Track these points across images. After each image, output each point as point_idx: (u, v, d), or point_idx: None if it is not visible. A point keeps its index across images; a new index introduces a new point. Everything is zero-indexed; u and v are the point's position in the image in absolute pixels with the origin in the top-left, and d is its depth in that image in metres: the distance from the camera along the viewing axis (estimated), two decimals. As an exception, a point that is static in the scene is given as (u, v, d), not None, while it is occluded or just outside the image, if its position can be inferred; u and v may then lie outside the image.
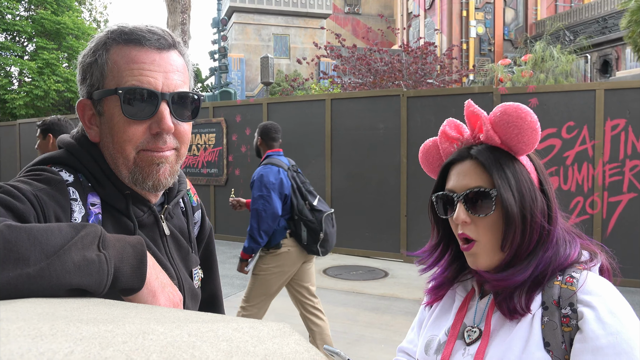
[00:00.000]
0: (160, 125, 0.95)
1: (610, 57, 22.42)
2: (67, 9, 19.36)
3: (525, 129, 1.03)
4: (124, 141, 0.95)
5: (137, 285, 0.76)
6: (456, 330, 1.14)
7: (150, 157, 0.97)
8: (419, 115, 7.34)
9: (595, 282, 0.99)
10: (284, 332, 0.54)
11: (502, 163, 1.07)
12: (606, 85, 6.40)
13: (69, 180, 0.94)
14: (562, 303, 0.98)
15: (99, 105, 0.97)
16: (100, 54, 0.96)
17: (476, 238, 1.07)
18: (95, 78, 0.96)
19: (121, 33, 0.96)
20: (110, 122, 0.96)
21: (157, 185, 0.99)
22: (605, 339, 0.90)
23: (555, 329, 0.96)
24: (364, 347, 4.32)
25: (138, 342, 0.45)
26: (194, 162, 9.51)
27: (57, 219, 0.86)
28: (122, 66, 0.94)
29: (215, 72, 17.83)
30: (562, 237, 1.07)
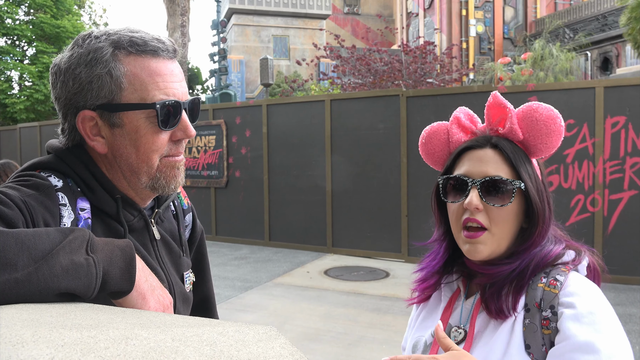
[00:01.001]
0: (187, 133, 1.02)
1: (611, 55, 22.38)
2: (67, 12, 19.39)
3: (553, 131, 1.04)
4: (152, 151, 0.98)
5: (126, 288, 0.76)
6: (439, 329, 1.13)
7: (172, 163, 1.02)
8: (418, 115, 7.33)
9: (577, 284, 0.98)
10: (270, 336, 0.54)
11: (523, 159, 1.07)
12: (606, 82, 6.38)
13: (58, 186, 0.94)
14: (543, 305, 0.97)
15: (115, 118, 0.96)
16: (113, 65, 0.94)
17: (488, 227, 1.04)
18: (108, 90, 0.95)
19: (132, 43, 0.95)
20: (135, 133, 0.96)
21: (176, 187, 1.05)
22: (583, 337, 0.89)
23: (535, 331, 0.96)
24: (365, 348, 4.32)
25: (120, 348, 0.45)
26: (194, 164, 9.52)
27: (45, 224, 0.86)
28: (145, 79, 0.95)
29: (215, 74, 17.84)
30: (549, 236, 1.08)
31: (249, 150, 8.94)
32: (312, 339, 4.56)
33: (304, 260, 7.69)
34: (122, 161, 1.00)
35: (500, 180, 1.03)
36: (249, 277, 6.75)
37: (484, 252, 1.05)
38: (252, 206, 8.92)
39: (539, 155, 1.08)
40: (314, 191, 8.25)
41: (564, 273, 1.00)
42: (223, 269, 7.24)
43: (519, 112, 1.08)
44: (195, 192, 9.46)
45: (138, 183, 1.01)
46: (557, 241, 1.08)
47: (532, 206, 1.04)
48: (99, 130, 0.98)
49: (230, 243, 9.10)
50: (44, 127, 12.16)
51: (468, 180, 1.06)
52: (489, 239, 1.04)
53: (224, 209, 9.30)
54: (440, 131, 1.22)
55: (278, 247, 8.59)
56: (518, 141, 1.08)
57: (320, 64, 24.11)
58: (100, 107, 0.96)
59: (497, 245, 1.05)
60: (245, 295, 5.95)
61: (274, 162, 8.68)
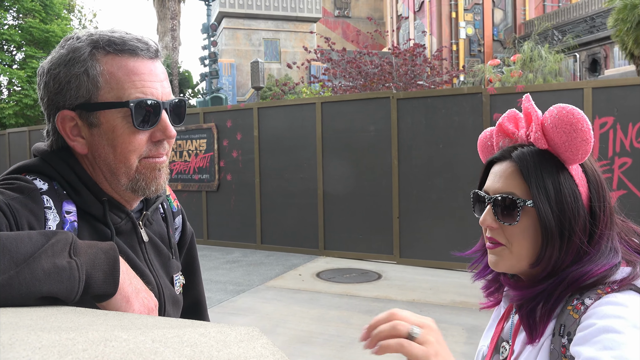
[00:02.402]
0: (166, 133, 0.99)
1: (599, 56, 22.58)
2: (56, 17, 19.28)
3: (574, 137, 0.95)
4: (129, 151, 0.97)
5: (110, 291, 0.76)
6: (493, 344, 1.11)
7: (152, 164, 1.00)
8: (409, 117, 7.36)
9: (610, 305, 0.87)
10: (252, 336, 0.54)
11: (545, 171, 0.98)
12: (594, 83, 6.44)
13: (43, 189, 0.93)
14: (563, 331, 0.91)
15: (92, 117, 0.96)
16: (90, 64, 0.94)
17: (505, 244, 1.01)
18: (85, 90, 0.94)
19: (110, 42, 0.95)
20: (112, 133, 0.96)
21: (158, 189, 1.02)
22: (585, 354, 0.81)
23: (557, 357, 0.91)
24: (358, 350, 4.31)
25: (99, 350, 0.45)
26: (185, 168, 9.49)
27: (30, 228, 0.85)
28: (121, 77, 0.95)
29: (206, 77, 17.83)
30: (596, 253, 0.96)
31: (240, 153, 8.93)
32: (305, 341, 4.56)
33: (296, 263, 7.68)
34: (101, 162, 0.99)
35: (508, 199, 0.99)
36: (240, 281, 6.73)
37: (502, 265, 1.02)
38: (244, 209, 8.91)
39: (572, 163, 0.98)
40: (306, 194, 8.25)
41: (599, 295, 0.90)
42: (215, 272, 7.21)
43: (542, 118, 1.01)
44: (186, 196, 9.43)
45: (118, 184, 1.00)
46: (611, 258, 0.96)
47: (543, 224, 0.96)
48: (79, 130, 0.98)
49: (221, 247, 9.07)
50: (33, 132, 12.08)
51: (485, 197, 1.04)
52: (506, 254, 1.01)
53: (216, 213, 9.27)
54: (490, 137, 1.18)
55: (270, 251, 8.57)
56: (547, 149, 1.00)
57: (311, 67, 24.14)
58: (79, 106, 0.96)
59: (516, 261, 1.01)
60: (238, 299, 5.93)
61: (266, 165, 8.68)
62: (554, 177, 0.97)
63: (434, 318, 0.82)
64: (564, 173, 0.98)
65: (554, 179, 0.97)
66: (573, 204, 0.96)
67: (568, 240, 0.96)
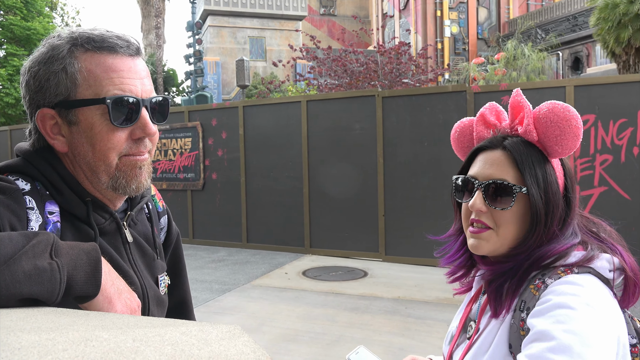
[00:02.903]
0: (145, 131, 0.98)
1: (581, 54, 22.86)
2: (38, 14, 19.02)
3: (567, 133, 1.02)
4: (108, 149, 0.96)
5: (92, 292, 0.75)
6: (461, 324, 1.16)
7: (132, 162, 0.99)
8: (394, 115, 7.39)
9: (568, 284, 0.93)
10: (233, 334, 0.54)
11: (534, 162, 1.04)
12: (575, 81, 6.53)
13: (26, 189, 0.92)
14: (523, 307, 0.96)
15: (71, 115, 0.95)
16: (69, 62, 0.94)
17: (493, 227, 1.06)
18: (64, 87, 0.94)
19: (89, 40, 0.95)
20: (90, 131, 0.95)
21: (139, 188, 1.02)
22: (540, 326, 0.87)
23: (516, 331, 0.96)
24: (344, 347, 4.33)
25: (79, 350, 0.45)
26: (170, 167, 9.42)
27: (12, 228, 0.85)
28: (99, 75, 0.94)
29: (191, 75, 17.72)
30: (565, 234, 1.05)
31: (225, 152, 8.90)
32: (291, 339, 4.56)
33: (282, 261, 7.68)
34: (81, 160, 0.98)
35: (503, 185, 1.04)
36: (226, 280, 6.71)
37: (485, 248, 1.06)
38: (229, 208, 8.88)
39: (556, 156, 1.06)
40: (291, 192, 8.25)
41: (557, 276, 0.96)
42: (200, 271, 7.19)
43: (536, 111, 1.07)
44: (171, 195, 9.37)
45: (99, 183, 1.00)
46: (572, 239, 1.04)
47: (534, 210, 1.02)
48: (59, 129, 0.98)
49: (207, 246, 9.04)
50: (15, 132, 11.90)
51: (475, 182, 1.09)
52: (492, 237, 1.06)
53: (201, 212, 9.23)
54: (468, 127, 1.23)
55: (256, 249, 8.56)
56: (535, 142, 1.07)
57: (297, 65, 24.11)
58: (58, 104, 0.95)
59: (500, 245, 1.05)
60: (223, 298, 5.91)
61: (251, 163, 8.66)
62: (541, 168, 1.04)
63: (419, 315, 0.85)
64: (548, 165, 1.05)
65: (542, 170, 1.04)
66: (556, 193, 1.04)
67: (550, 226, 1.03)
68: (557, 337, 0.82)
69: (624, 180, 6.14)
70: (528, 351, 0.84)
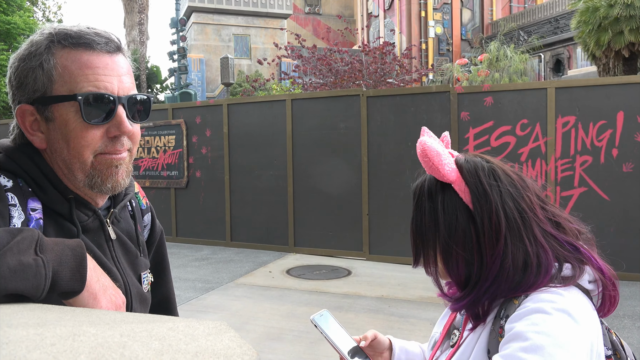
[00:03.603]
0: (121, 129, 0.97)
1: (563, 57, 23.19)
2: (18, 8, 18.70)
3: (428, 166, 1.03)
4: (82, 146, 0.95)
5: (77, 288, 0.76)
6: (445, 331, 1.17)
7: (108, 160, 0.98)
8: (378, 115, 7.43)
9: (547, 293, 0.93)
10: (220, 330, 0.55)
11: (430, 194, 1.05)
12: (557, 83, 6.62)
13: (8, 186, 0.92)
14: (503, 314, 0.97)
15: (48, 111, 0.95)
16: (45, 58, 0.93)
17: None
18: (41, 83, 0.94)
19: (66, 36, 0.95)
20: (65, 128, 0.95)
21: (115, 187, 1.00)
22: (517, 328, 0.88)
23: (495, 337, 0.97)
24: (327, 346, 4.34)
25: (67, 344, 0.46)
26: (153, 164, 9.35)
27: None
28: (74, 71, 0.94)
29: (175, 73, 17.58)
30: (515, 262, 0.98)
31: (209, 150, 8.85)
32: (274, 338, 4.57)
33: (266, 260, 7.68)
34: (58, 157, 0.98)
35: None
36: (210, 278, 6.69)
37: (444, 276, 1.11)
38: (213, 206, 8.84)
39: (445, 181, 1.03)
40: (276, 191, 8.24)
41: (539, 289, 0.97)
42: (184, 270, 7.15)
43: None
44: (154, 193, 9.30)
45: (75, 180, 0.99)
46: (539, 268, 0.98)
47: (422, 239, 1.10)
48: (38, 125, 0.98)
49: (190, 244, 8.99)
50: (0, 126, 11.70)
51: None
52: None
53: (185, 210, 9.18)
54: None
55: (240, 248, 8.54)
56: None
57: (282, 63, 24.07)
58: (36, 100, 0.96)
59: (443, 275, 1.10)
60: (207, 297, 5.89)
61: (235, 162, 8.63)
62: (433, 197, 1.04)
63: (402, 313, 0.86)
64: (446, 192, 1.03)
65: (434, 199, 1.04)
66: (450, 219, 1.02)
67: (450, 254, 1.02)
68: (531, 338, 0.84)
69: (603, 181, 6.26)
70: (503, 352, 0.87)
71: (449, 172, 1.02)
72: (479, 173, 1.02)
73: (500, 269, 0.97)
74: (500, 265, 0.97)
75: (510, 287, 0.97)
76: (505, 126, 6.65)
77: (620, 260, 6.13)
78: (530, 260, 0.97)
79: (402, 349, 1.35)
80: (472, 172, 1.02)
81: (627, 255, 6.15)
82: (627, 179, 6.15)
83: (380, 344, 1.33)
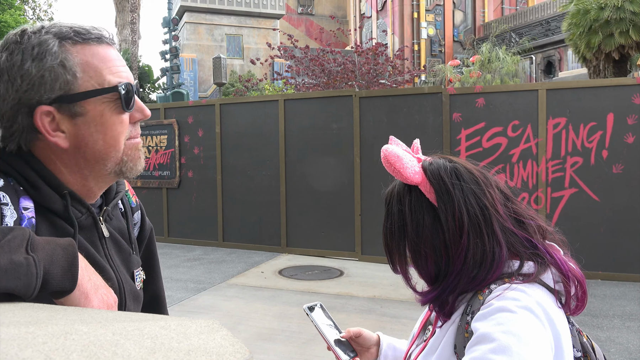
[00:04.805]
0: (144, 114, 1.05)
1: (554, 58, 23.35)
2: (9, 7, 18.57)
3: (392, 170, 1.08)
4: (119, 134, 0.99)
5: (68, 287, 0.75)
6: (420, 327, 1.21)
7: (135, 144, 1.04)
8: (371, 116, 7.44)
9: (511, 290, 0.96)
10: (212, 329, 0.55)
11: (399, 197, 1.10)
12: (548, 85, 6.67)
13: None
14: (469, 310, 0.99)
15: (75, 107, 0.94)
16: (64, 56, 0.93)
17: None
18: (63, 81, 0.93)
19: (76, 33, 0.96)
20: (100, 119, 0.96)
21: (141, 169, 1.07)
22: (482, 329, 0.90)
23: (461, 333, 0.99)
24: (319, 346, 4.35)
25: (59, 343, 0.46)
26: (145, 164, 9.29)
27: None
28: (98, 65, 0.96)
29: (167, 72, 17.51)
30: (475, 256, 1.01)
31: (201, 150, 8.83)
32: (266, 338, 4.56)
33: (258, 260, 7.67)
34: (87, 150, 0.98)
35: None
36: (202, 279, 6.67)
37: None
38: (205, 207, 8.82)
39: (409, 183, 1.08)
40: (268, 191, 8.23)
41: (502, 282, 1.00)
42: (175, 270, 7.12)
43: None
44: (146, 193, 9.26)
45: (103, 170, 1.01)
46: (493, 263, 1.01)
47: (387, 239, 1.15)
48: (57, 125, 0.96)
49: (182, 244, 8.96)
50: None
51: None
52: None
53: (176, 210, 9.15)
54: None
55: (232, 248, 8.53)
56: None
57: (275, 63, 24.06)
58: (57, 99, 0.94)
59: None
60: (199, 297, 5.88)
61: (227, 162, 8.61)
62: (402, 199, 1.09)
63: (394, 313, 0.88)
64: (412, 193, 1.08)
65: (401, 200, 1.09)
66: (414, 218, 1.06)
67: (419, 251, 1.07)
68: (497, 339, 0.86)
69: (593, 182, 6.31)
70: (471, 355, 0.88)
71: (413, 175, 1.06)
72: (441, 173, 1.06)
73: (463, 264, 1.01)
74: (464, 260, 1.01)
75: (468, 281, 1.01)
76: (496, 127, 6.69)
77: (611, 260, 6.21)
78: (486, 256, 1.01)
79: (389, 345, 1.39)
80: (435, 173, 1.06)
81: (617, 255, 6.21)
82: (617, 180, 6.21)
83: (367, 340, 1.37)
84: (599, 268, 6.21)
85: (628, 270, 6.17)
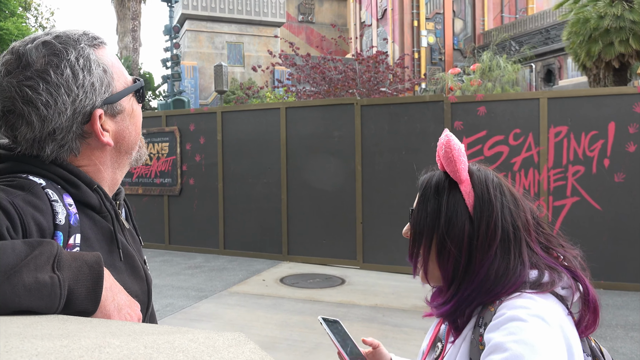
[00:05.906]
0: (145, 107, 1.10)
1: (554, 67, 23.41)
2: (11, 15, 18.64)
3: (447, 157, 1.07)
4: (141, 124, 1.12)
5: (90, 308, 0.75)
6: (430, 343, 1.20)
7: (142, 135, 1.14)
8: (372, 124, 7.46)
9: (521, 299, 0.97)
10: (240, 342, 0.56)
11: (437, 188, 1.09)
12: (549, 94, 6.69)
13: (43, 183, 0.91)
14: (481, 323, 1.00)
15: (117, 106, 1.03)
16: (102, 62, 1.01)
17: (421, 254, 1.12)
18: (106, 84, 1.01)
19: (93, 37, 1.02)
20: (132, 113, 1.07)
21: (146, 157, 1.17)
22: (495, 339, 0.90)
23: (475, 346, 0.99)
24: (321, 355, 4.34)
25: (95, 356, 0.46)
26: (146, 171, 9.32)
27: (36, 224, 0.83)
28: (117, 65, 1.05)
29: (168, 79, 17.56)
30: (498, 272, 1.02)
31: (203, 157, 8.84)
32: (269, 347, 4.55)
33: (259, 268, 7.66)
34: (124, 143, 1.06)
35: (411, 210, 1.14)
36: (203, 287, 6.66)
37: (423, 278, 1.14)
38: (207, 214, 8.82)
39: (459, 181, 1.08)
40: (269, 199, 8.23)
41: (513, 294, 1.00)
42: (176, 278, 7.11)
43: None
44: (147, 200, 9.26)
45: (128, 160, 1.10)
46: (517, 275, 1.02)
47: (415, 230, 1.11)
48: (103, 125, 1.02)
49: (184, 252, 8.95)
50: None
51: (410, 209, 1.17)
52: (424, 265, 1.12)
53: (178, 218, 9.14)
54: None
55: (233, 256, 8.51)
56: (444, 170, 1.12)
57: (275, 71, 24.12)
58: (105, 102, 1.01)
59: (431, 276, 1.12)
60: (200, 305, 5.86)
61: (229, 169, 8.62)
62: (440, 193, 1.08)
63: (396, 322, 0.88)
64: (452, 190, 1.08)
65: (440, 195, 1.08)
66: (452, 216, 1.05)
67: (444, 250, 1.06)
68: (510, 348, 0.86)
69: (594, 191, 6.31)
70: None
71: (463, 170, 1.07)
72: (487, 182, 1.08)
73: (485, 276, 1.02)
74: (486, 272, 1.02)
75: (485, 293, 1.02)
76: (498, 136, 6.70)
77: (613, 269, 6.20)
78: (508, 272, 1.02)
79: None
80: (481, 179, 1.08)
81: (619, 264, 6.20)
82: (619, 189, 6.21)
83: (382, 356, 1.39)
84: (601, 277, 6.20)
85: (631, 280, 6.16)
